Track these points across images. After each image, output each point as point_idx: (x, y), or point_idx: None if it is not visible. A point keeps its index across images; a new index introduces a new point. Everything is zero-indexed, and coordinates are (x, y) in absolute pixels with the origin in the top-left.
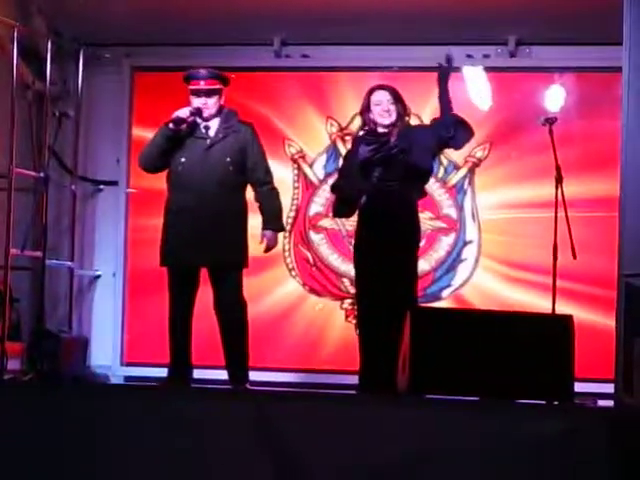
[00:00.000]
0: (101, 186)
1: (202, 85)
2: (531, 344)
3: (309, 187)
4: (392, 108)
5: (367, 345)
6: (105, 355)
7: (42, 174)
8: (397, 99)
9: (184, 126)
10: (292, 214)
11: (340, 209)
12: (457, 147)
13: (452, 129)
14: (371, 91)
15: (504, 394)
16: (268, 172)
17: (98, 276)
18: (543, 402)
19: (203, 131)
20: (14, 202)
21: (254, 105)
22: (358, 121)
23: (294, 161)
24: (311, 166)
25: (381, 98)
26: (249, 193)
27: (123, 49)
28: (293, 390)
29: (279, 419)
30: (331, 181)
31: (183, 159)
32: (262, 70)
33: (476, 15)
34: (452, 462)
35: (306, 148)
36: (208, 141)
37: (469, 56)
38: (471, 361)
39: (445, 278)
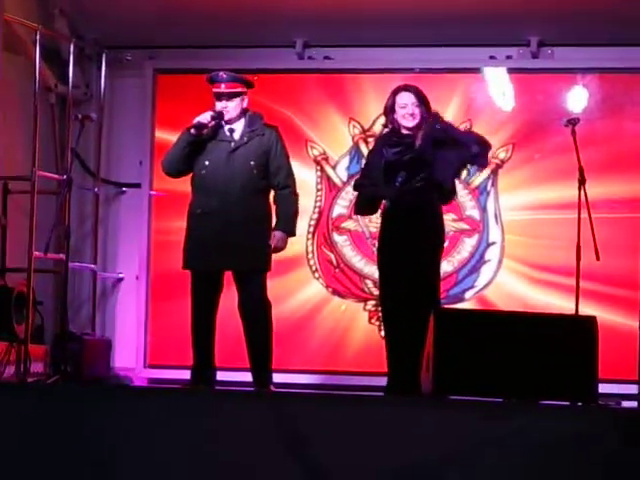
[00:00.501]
0: (124, 188)
1: (223, 88)
2: (555, 345)
3: (332, 189)
4: (417, 111)
5: (392, 347)
6: (128, 357)
7: (65, 177)
8: (422, 101)
9: (205, 131)
10: (315, 216)
11: (362, 208)
12: (483, 165)
13: (477, 147)
14: (396, 91)
15: (528, 395)
16: (290, 176)
17: (121, 279)
18: (567, 403)
19: (227, 134)
20: (37, 205)
21: (277, 107)
22: (381, 123)
23: (317, 163)
24: (334, 168)
25: (406, 101)
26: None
27: (145, 51)
28: (317, 392)
29: (303, 421)
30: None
31: (207, 162)
32: (285, 72)
33: (498, 16)
34: (476, 463)
35: (329, 150)
36: (232, 144)
37: (492, 57)
38: (495, 362)
39: (468, 279)
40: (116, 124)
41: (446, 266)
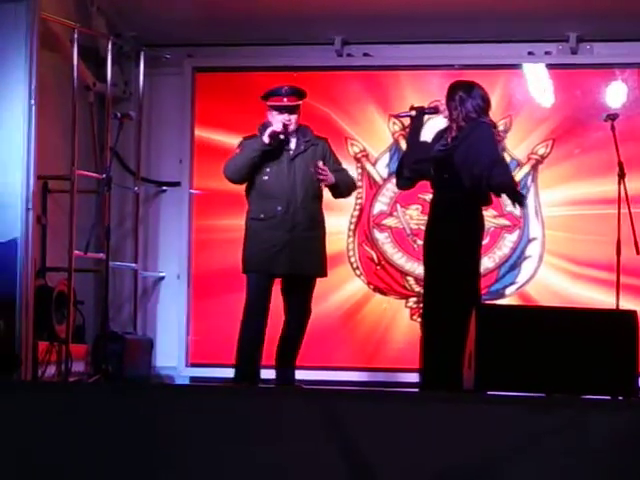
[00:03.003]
0: (164, 187)
1: (285, 102)
2: (596, 340)
3: (373, 186)
4: (441, 103)
5: (430, 342)
6: (170, 356)
7: (104, 175)
8: (448, 96)
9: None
10: (356, 213)
11: (400, 178)
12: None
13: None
14: None
15: (569, 390)
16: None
17: (162, 277)
18: (608, 397)
19: (284, 144)
20: (77, 204)
21: (316, 104)
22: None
23: (357, 160)
24: (374, 165)
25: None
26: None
27: (184, 49)
28: (359, 389)
29: (346, 418)
30: (395, 180)
31: (268, 169)
32: (324, 69)
33: (537, 12)
34: (518, 459)
35: (369, 147)
36: (291, 152)
37: (530, 53)
38: (536, 357)
39: (509, 275)
40: (155, 122)
41: (487, 262)
